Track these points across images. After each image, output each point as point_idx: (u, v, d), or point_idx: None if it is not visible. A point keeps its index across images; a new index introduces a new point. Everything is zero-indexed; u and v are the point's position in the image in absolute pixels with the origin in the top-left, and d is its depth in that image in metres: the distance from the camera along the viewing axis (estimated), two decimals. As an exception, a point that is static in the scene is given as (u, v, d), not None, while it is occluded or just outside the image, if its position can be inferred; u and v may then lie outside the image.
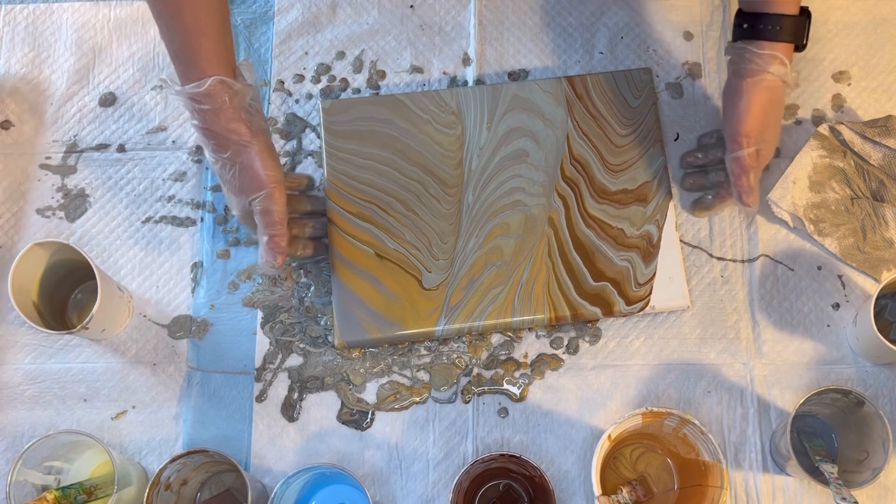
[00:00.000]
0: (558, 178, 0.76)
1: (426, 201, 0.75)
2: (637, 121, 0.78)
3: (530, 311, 0.73)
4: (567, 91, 0.78)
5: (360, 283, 0.73)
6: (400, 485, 0.73)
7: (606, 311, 0.73)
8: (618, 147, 0.77)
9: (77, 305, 0.78)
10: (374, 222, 0.75)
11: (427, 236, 0.74)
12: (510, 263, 0.74)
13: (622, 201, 0.76)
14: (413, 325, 0.72)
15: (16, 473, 0.65)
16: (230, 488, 0.73)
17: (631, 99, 0.78)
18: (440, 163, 0.76)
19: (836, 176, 0.78)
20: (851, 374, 0.75)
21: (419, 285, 0.73)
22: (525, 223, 0.75)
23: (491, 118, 0.77)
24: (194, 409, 0.75)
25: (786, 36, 0.67)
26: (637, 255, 0.75)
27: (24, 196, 0.81)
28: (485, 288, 0.73)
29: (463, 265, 0.74)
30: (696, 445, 0.67)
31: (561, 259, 0.74)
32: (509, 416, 0.74)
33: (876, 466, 0.65)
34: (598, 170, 0.76)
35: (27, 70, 0.85)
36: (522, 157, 0.76)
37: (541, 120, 0.77)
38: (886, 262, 0.76)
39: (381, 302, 0.73)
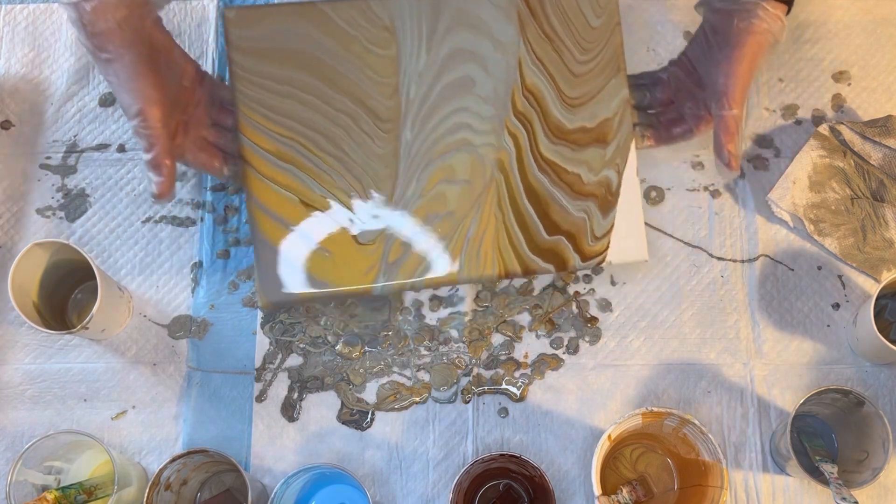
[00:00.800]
0: (509, 112, 0.65)
1: (357, 138, 0.64)
2: (598, 45, 0.67)
3: (478, 269, 0.65)
4: (519, 5, 0.65)
5: (286, 236, 0.64)
6: (400, 485, 0.73)
7: (560, 267, 0.67)
8: (576, 76, 0.66)
9: (77, 305, 0.78)
10: (298, 163, 0.64)
11: (360, 181, 0.64)
12: (456, 213, 0.65)
13: (580, 142, 0.66)
14: (348, 285, 0.64)
15: (16, 473, 0.65)
16: (230, 488, 0.73)
17: (592, 18, 0.67)
18: (372, 91, 0.64)
19: (836, 176, 0.78)
20: (851, 374, 0.75)
21: (353, 239, 0.64)
22: (472, 167, 0.65)
23: (431, 36, 0.64)
24: (194, 409, 0.75)
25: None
26: (594, 205, 0.67)
27: (24, 196, 0.81)
28: (426, 244, 0.65)
29: (402, 214, 0.65)
30: (696, 445, 0.67)
31: (512, 209, 0.65)
32: (509, 416, 0.75)
33: (876, 466, 0.65)
34: (553, 104, 0.66)
35: (27, 70, 0.85)
36: (468, 87, 0.65)
37: (489, 41, 0.65)
38: (886, 262, 0.76)
39: (312, 260, 0.64)
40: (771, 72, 0.83)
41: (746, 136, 0.81)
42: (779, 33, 0.65)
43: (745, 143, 0.81)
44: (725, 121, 0.65)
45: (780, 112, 0.82)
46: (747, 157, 0.81)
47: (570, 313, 0.77)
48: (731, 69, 0.64)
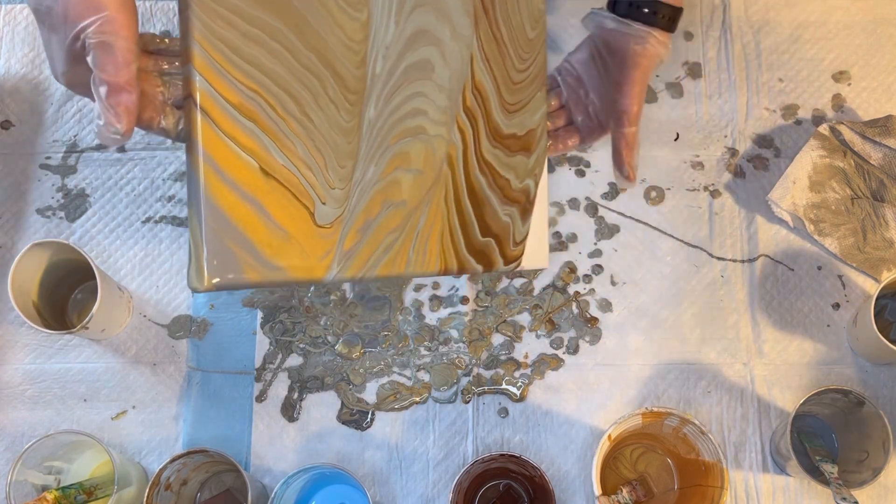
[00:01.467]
0: (460, 107, 0.63)
1: (324, 105, 0.57)
2: (531, 56, 0.67)
3: (423, 265, 0.62)
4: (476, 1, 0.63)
5: (240, 207, 0.54)
6: (400, 485, 0.73)
7: (487, 267, 0.66)
8: (514, 83, 0.66)
9: (77, 305, 0.78)
10: (261, 123, 0.54)
11: (323, 155, 0.57)
12: (408, 204, 0.61)
13: (511, 148, 0.66)
14: (302, 272, 0.57)
15: (16, 473, 0.65)
16: (230, 488, 0.73)
17: (528, 28, 0.67)
18: (342, 55, 0.57)
19: (837, 176, 0.78)
20: (851, 374, 0.75)
21: (312, 220, 0.57)
22: (425, 157, 0.62)
23: (400, 8, 0.60)
24: (194, 409, 0.75)
25: (672, 26, 0.67)
26: (517, 211, 0.67)
27: (24, 196, 0.81)
28: (381, 233, 0.60)
29: (360, 200, 0.59)
30: (696, 445, 0.67)
31: (456, 207, 0.64)
32: (509, 416, 0.74)
33: (876, 466, 0.65)
34: (495, 106, 0.65)
35: (27, 70, 0.85)
36: (428, 72, 0.62)
37: (448, 28, 0.62)
38: (886, 262, 0.76)
39: (266, 238, 0.55)
40: (771, 72, 0.83)
41: (747, 135, 0.81)
42: (666, 57, 0.68)
43: (746, 142, 0.81)
44: (627, 137, 0.67)
45: (780, 112, 0.82)
46: (747, 157, 0.81)
47: (570, 313, 0.77)
48: (631, 89, 0.66)
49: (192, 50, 0.52)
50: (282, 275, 0.56)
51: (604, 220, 0.79)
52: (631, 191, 0.80)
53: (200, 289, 0.52)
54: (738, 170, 0.80)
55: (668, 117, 0.82)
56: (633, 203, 0.80)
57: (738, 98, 0.82)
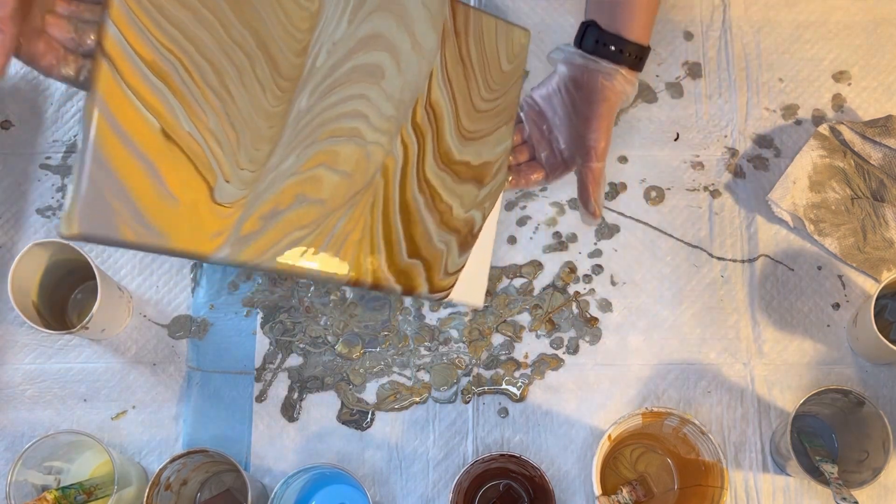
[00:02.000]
0: (408, 120, 0.61)
1: (249, 84, 0.55)
2: (502, 89, 0.65)
3: (332, 267, 0.59)
4: (447, 17, 0.62)
5: (130, 164, 0.51)
6: (400, 485, 0.73)
7: (407, 290, 0.64)
8: (476, 111, 0.64)
9: (77, 305, 0.78)
10: (173, 87, 0.52)
11: (237, 132, 0.54)
12: (327, 204, 0.58)
13: (461, 175, 0.64)
14: (186, 243, 0.54)
15: (16, 473, 0.65)
16: (230, 488, 0.73)
17: (504, 61, 0.65)
18: (280, 40, 0.56)
19: (837, 176, 0.78)
20: (851, 374, 0.75)
21: (209, 194, 0.54)
22: (357, 162, 0.59)
23: (357, 7, 0.58)
24: (194, 409, 0.75)
25: (639, 65, 0.68)
26: (455, 241, 0.65)
27: (24, 196, 0.81)
28: (288, 226, 0.57)
29: (271, 187, 0.56)
30: (696, 445, 0.67)
31: (382, 220, 0.61)
32: (509, 416, 0.75)
33: (876, 466, 0.65)
34: (450, 129, 0.63)
35: (27, 70, 0.85)
36: (377, 77, 0.59)
37: (409, 38, 0.60)
38: (886, 262, 0.76)
39: (152, 201, 0.52)
40: (771, 72, 0.83)
41: (747, 135, 0.81)
42: (631, 95, 0.69)
43: (746, 142, 0.81)
44: (594, 172, 0.68)
45: (780, 112, 0.82)
46: (747, 157, 0.81)
47: (570, 313, 0.77)
48: (598, 125, 0.67)
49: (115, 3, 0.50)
50: (162, 241, 0.53)
51: (604, 220, 0.79)
52: (631, 191, 0.80)
53: (66, 235, 0.49)
54: (738, 170, 0.80)
55: (668, 117, 0.82)
56: (633, 203, 0.80)
57: (738, 98, 0.82)
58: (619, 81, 0.67)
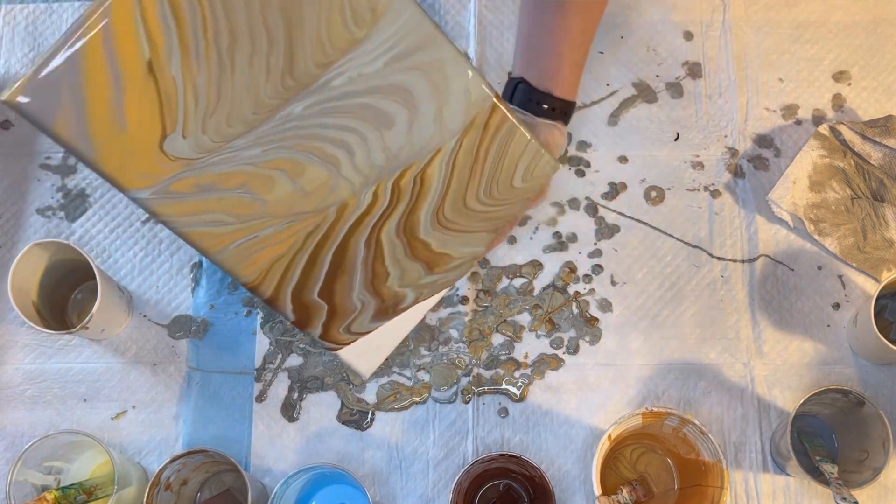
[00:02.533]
0: (391, 177, 0.59)
1: (256, 65, 0.53)
2: (503, 201, 0.63)
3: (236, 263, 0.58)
4: (482, 112, 0.59)
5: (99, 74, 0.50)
6: (400, 485, 0.73)
7: (300, 324, 0.62)
8: (465, 206, 0.62)
9: (77, 305, 0.78)
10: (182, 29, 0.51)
11: (219, 100, 0.53)
12: (266, 207, 0.57)
13: (414, 253, 0.62)
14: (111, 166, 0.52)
15: (16, 473, 0.65)
16: (230, 488, 0.73)
17: (518, 178, 0.63)
18: (309, 45, 0.54)
19: (837, 176, 0.78)
20: (851, 374, 0.75)
21: (159, 140, 0.52)
22: (320, 186, 0.57)
23: (400, 58, 0.56)
24: (194, 409, 0.75)
25: (566, 119, 0.70)
26: (374, 306, 0.63)
27: (24, 196, 0.81)
28: (218, 205, 0.55)
29: (222, 164, 0.54)
30: (696, 445, 0.67)
31: (312, 251, 0.59)
32: (509, 416, 0.75)
33: (876, 466, 0.65)
34: (428, 207, 0.61)
35: (27, 70, 0.85)
36: (382, 124, 0.57)
37: (434, 110, 0.58)
38: (886, 262, 0.76)
39: (101, 117, 0.50)
40: (771, 72, 0.83)
41: (747, 135, 0.81)
42: (563, 145, 0.73)
43: (746, 142, 0.81)
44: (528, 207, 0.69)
45: (780, 112, 0.82)
46: (747, 157, 0.81)
47: (570, 313, 0.77)
48: None
49: None
50: (90, 154, 0.52)
51: (604, 220, 0.79)
52: (631, 191, 0.80)
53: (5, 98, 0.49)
54: (738, 170, 0.80)
55: (668, 117, 0.82)
56: (633, 203, 0.80)
57: (738, 98, 0.82)
58: (555, 135, 0.69)
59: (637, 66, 0.84)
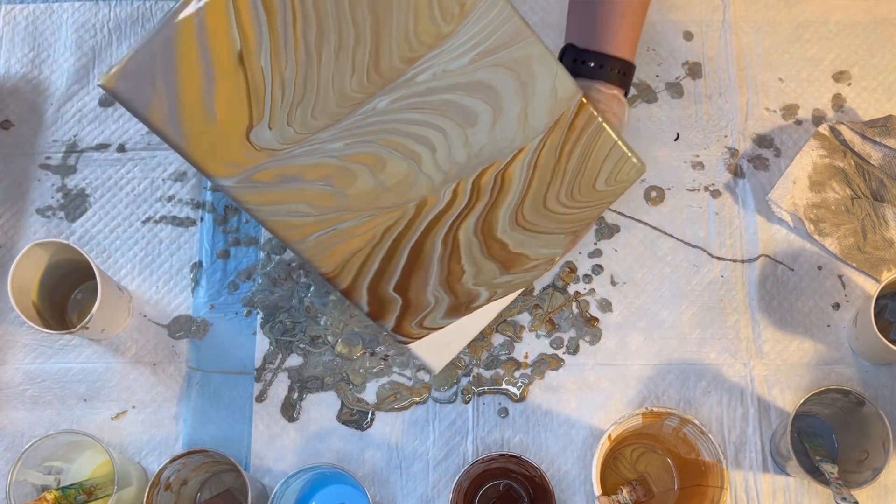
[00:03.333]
0: (471, 176, 0.59)
1: (342, 59, 0.53)
2: (585, 204, 0.62)
3: (317, 256, 0.59)
4: (569, 112, 0.58)
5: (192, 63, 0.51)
6: (400, 485, 0.73)
7: (373, 317, 0.62)
8: (545, 208, 0.61)
9: (77, 305, 0.78)
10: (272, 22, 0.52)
11: (305, 92, 0.54)
12: (347, 200, 0.57)
13: (491, 252, 0.62)
14: (199, 154, 0.54)
15: (16, 473, 0.65)
16: (230, 488, 0.73)
17: (601, 181, 0.61)
18: (396, 40, 0.54)
19: (837, 176, 0.78)
20: (851, 374, 0.75)
21: (246, 129, 0.54)
22: (400, 182, 0.58)
23: (486, 54, 0.55)
24: (194, 409, 0.75)
25: (621, 81, 0.63)
26: (447, 302, 0.63)
27: (24, 196, 0.81)
28: (300, 196, 0.56)
29: (306, 156, 0.55)
30: (696, 445, 0.67)
31: (389, 248, 0.59)
32: (509, 416, 0.74)
33: (876, 466, 0.65)
34: (507, 207, 0.60)
35: (27, 70, 0.85)
36: (466, 121, 0.57)
37: (520, 107, 0.57)
38: (886, 262, 0.76)
39: (192, 106, 0.52)
40: (771, 72, 0.83)
41: (747, 135, 0.81)
42: (621, 113, 0.63)
43: (746, 142, 0.81)
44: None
45: (780, 112, 0.82)
46: (747, 157, 0.81)
47: (570, 313, 0.77)
48: None
49: None
50: (179, 141, 0.53)
51: (604, 220, 0.79)
52: (631, 191, 0.80)
53: (102, 83, 0.51)
54: (738, 170, 0.80)
55: (668, 117, 0.82)
56: (633, 203, 0.80)
57: (738, 98, 0.82)
58: (604, 99, 0.62)
59: (637, 66, 0.83)
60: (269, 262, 0.79)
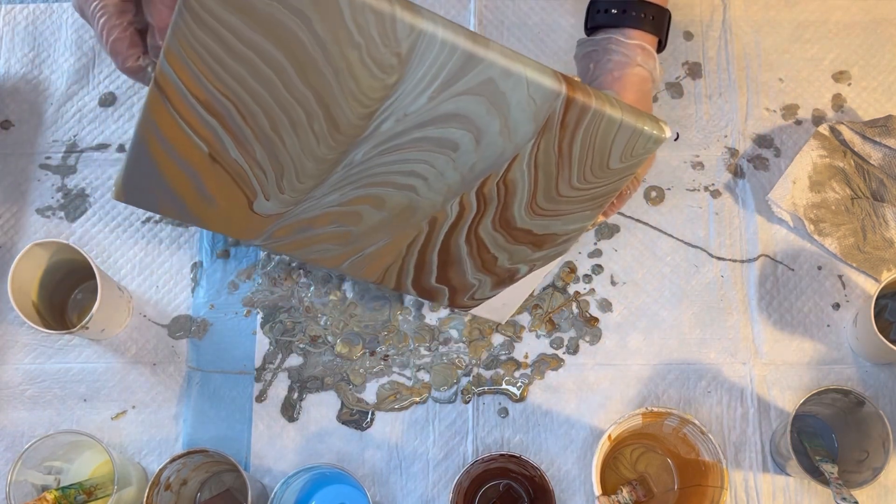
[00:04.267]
0: (473, 189, 0.59)
1: (302, 134, 0.55)
2: (600, 182, 0.60)
3: (357, 274, 0.66)
4: (556, 113, 0.56)
5: (172, 169, 0.57)
6: (400, 485, 0.73)
7: (430, 300, 0.69)
8: (559, 195, 0.61)
9: (77, 305, 0.78)
10: (224, 124, 0.54)
11: (283, 167, 0.57)
12: (361, 234, 0.62)
13: (517, 238, 0.63)
14: (218, 229, 0.62)
15: (16, 473, 0.65)
16: (230, 488, 0.73)
17: (615, 159, 0.59)
18: (345, 103, 0.54)
19: (837, 176, 0.78)
20: (851, 374, 0.75)
21: (247, 206, 0.59)
22: (403, 210, 0.60)
23: (443, 89, 0.53)
24: (194, 409, 0.75)
25: (653, 27, 0.59)
26: (490, 281, 0.67)
27: (24, 196, 0.81)
28: (319, 240, 0.62)
29: (309, 211, 0.60)
30: (696, 445, 0.67)
31: (418, 255, 0.64)
32: (509, 416, 0.74)
33: (876, 466, 0.65)
34: (519, 204, 0.61)
35: (27, 70, 0.85)
36: (448, 150, 0.57)
37: (499, 123, 0.56)
38: (886, 262, 0.76)
39: (192, 197, 0.59)
40: (771, 72, 0.83)
41: (747, 135, 0.81)
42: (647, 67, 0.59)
43: (746, 142, 0.81)
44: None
45: (780, 112, 0.82)
46: (747, 157, 0.81)
47: (570, 313, 0.77)
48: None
49: (168, 46, 0.50)
50: (197, 223, 0.61)
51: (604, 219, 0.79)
52: (631, 191, 0.80)
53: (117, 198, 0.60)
54: (738, 170, 0.80)
55: (668, 117, 0.82)
56: (633, 203, 0.80)
57: (738, 98, 0.82)
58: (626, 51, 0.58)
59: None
60: (269, 262, 0.79)
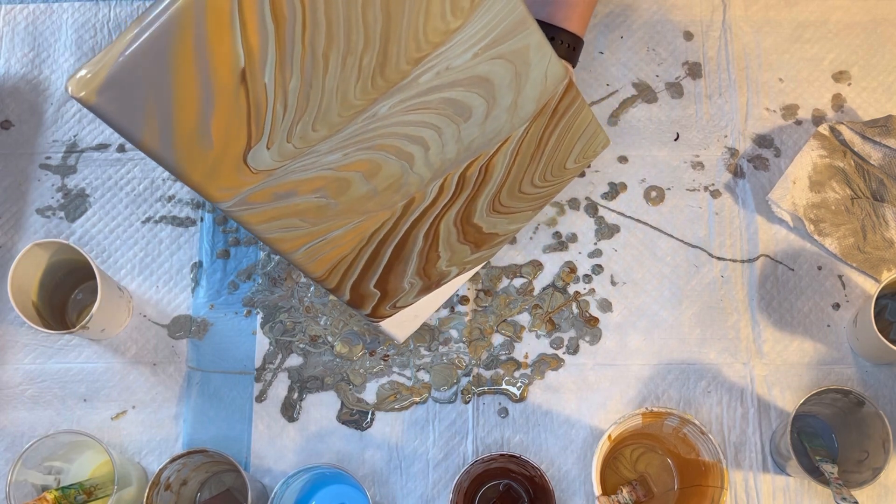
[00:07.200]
0: (459, 170, 0.59)
1: (348, 66, 0.51)
2: (554, 182, 0.64)
3: (306, 265, 0.59)
4: (554, 98, 0.58)
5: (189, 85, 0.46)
6: (400, 485, 0.73)
7: (354, 305, 0.65)
8: (520, 192, 0.63)
9: (77, 305, 0.78)
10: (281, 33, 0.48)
11: (308, 104, 0.51)
12: (338, 209, 0.57)
13: (467, 236, 0.64)
14: (195, 180, 0.51)
15: (16, 473, 0.65)
16: (230, 488, 0.73)
17: (571, 159, 0.63)
18: (404, 40, 0.52)
19: (837, 176, 0.78)
20: (851, 374, 0.75)
21: (243, 152, 0.51)
22: (391, 183, 0.58)
23: (488, 48, 0.54)
24: (194, 409, 0.75)
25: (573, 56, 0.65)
26: (420, 285, 0.66)
27: (24, 196, 0.81)
28: (292, 211, 0.56)
29: (302, 171, 0.54)
30: (696, 445, 0.67)
31: (375, 248, 0.61)
32: (509, 416, 0.75)
33: (876, 466, 0.65)
34: (486, 196, 0.62)
35: (27, 70, 0.85)
36: (460, 117, 0.56)
37: (512, 97, 0.57)
38: (886, 262, 0.76)
39: (187, 129, 0.48)
40: (771, 72, 0.83)
41: (747, 135, 0.81)
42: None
43: (746, 142, 0.81)
44: None
45: (780, 112, 0.82)
46: (747, 157, 0.81)
47: (570, 313, 0.77)
48: None
49: None
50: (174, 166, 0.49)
51: (604, 220, 0.79)
52: (631, 191, 0.80)
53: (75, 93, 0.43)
54: (738, 170, 0.80)
55: (668, 117, 0.82)
56: (633, 203, 0.80)
57: (738, 98, 0.82)
58: None
59: (637, 66, 0.84)
60: (269, 262, 0.79)
